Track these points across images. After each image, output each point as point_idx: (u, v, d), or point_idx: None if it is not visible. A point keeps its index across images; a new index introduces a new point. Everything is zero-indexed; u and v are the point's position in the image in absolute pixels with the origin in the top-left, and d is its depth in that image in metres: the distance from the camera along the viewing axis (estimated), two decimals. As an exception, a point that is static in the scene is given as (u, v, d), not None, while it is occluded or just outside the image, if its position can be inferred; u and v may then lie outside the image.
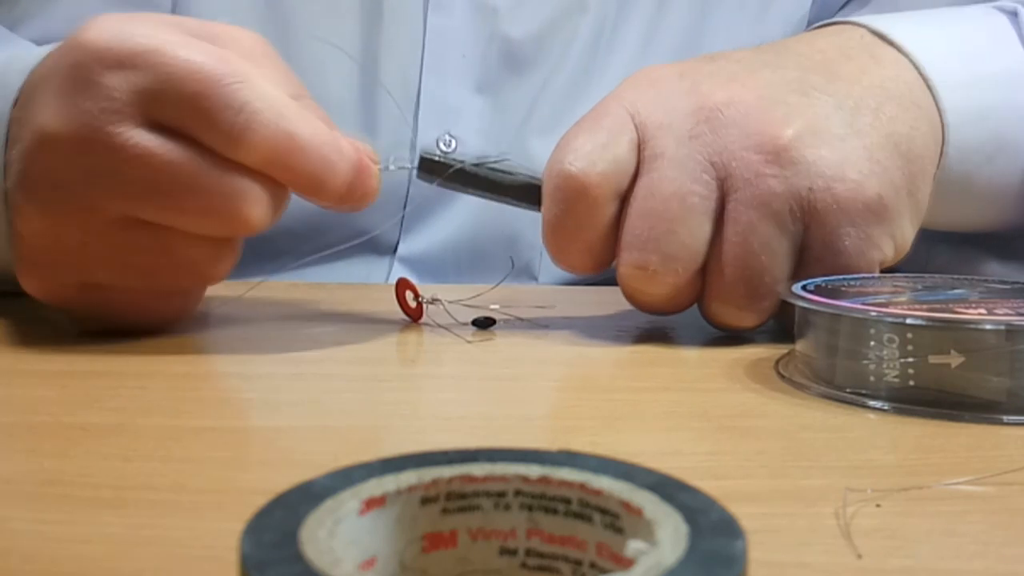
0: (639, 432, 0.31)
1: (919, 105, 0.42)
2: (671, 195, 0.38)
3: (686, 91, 0.40)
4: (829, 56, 0.42)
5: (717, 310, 0.40)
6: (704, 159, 0.38)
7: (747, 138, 0.38)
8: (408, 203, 0.63)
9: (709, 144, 0.38)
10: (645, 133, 0.39)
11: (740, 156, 0.38)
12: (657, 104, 0.40)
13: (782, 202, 0.38)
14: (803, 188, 0.38)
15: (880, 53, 0.43)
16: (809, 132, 0.38)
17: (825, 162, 0.38)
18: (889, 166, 0.39)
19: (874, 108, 0.40)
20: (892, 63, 0.42)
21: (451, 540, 0.17)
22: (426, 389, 0.37)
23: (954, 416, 0.30)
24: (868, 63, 0.42)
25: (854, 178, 0.38)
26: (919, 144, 0.40)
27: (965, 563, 0.21)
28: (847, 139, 0.39)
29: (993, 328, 0.30)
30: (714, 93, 0.39)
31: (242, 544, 0.15)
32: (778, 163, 0.38)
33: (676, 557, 0.14)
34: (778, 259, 0.38)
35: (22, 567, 0.21)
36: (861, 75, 0.41)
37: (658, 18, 0.63)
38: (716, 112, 0.39)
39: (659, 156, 0.39)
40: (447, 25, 0.61)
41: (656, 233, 0.38)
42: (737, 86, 0.40)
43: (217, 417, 0.32)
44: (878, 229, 0.39)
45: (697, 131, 0.39)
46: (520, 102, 0.62)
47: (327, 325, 0.45)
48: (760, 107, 0.39)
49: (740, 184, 0.38)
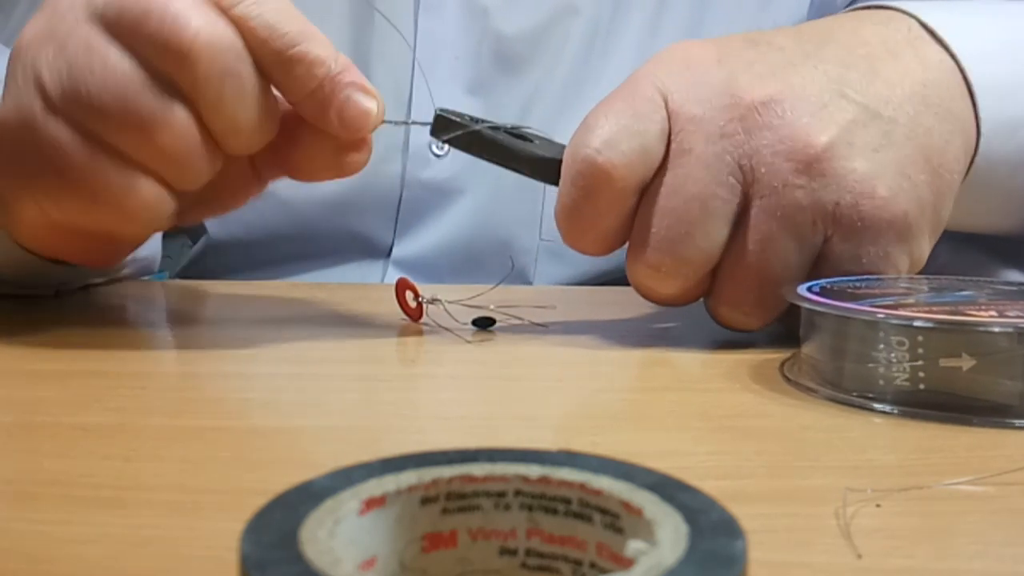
0: (639, 432, 0.31)
1: (956, 116, 0.40)
2: (693, 196, 0.37)
3: (723, 81, 0.38)
4: (873, 51, 0.41)
5: (725, 312, 0.40)
6: (733, 160, 0.37)
7: (780, 143, 0.37)
8: (402, 206, 0.63)
9: (740, 145, 0.37)
10: (676, 124, 0.38)
11: (770, 162, 0.37)
12: (691, 92, 0.38)
13: (806, 215, 0.37)
14: (830, 203, 0.37)
15: (925, 52, 0.41)
16: (843, 142, 0.37)
17: (855, 176, 0.37)
18: (919, 182, 0.38)
19: (911, 117, 0.39)
20: (935, 65, 0.41)
21: (451, 540, 0.17)
22: (426, 389, 0.37)
23: (963, 420, 0.30)
24: (911, 63, 0.41)
25: (883, 195, 0.37)
26: (950, 158, 0.40)
27: (965, 563, 0.21)
28: (881, 150, 0.38)
29: (1006, 331, 0.30)
30: (752, 89, 0.38)
31: (242, 544, 0.15)
32: (808, 173, 0.37)
33: (676, 557, 0.14)
34: (792, 271, 0.38)
35: (22, 567, 0.21)
36: (903, 78, 0.40)
37: (654, 21, 0.63)
38: (751, 111, 0.38)
39: (687, 152, 0.38)
40: (438, 26, 0.61)
41: (672, 234, 0.38)
42: (776, 83, 0.38)
43: (217, 417, 0.32)
44: (898, 248, 0.38)
45: (729, 129, 0.38)
46: (513, 104, 0.62)
47: (327, 325, 0.45)
48: (796, 110, 0.38)
49: (766, 191, 0.37)
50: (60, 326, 0.42)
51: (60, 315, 0.43)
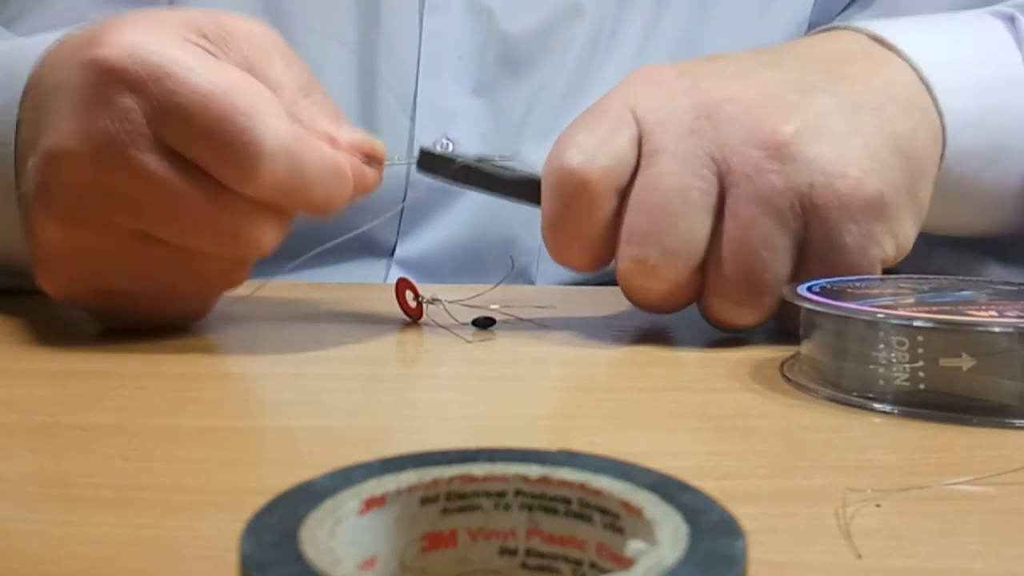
0: (639, 432, 0.31)
1: (919, 107, 0.42)
2: (671, 189, 0.38)
3: (686, 88, 0.40)
4: (830, 59, 0.42)
5: (716, 306, 0.40)
6: (705, 154, 0.38)
7: (748, 134, 0.38)
8: (406, 205, 0.63)
9: (710, 139, 0.38)
10: (645, 128, 0.39)
11: (741, 151, 0.38)
12: (657, 100, 0.40)
13: (783, 198, 0.38)
14: (804, 184, 0.38)
15: (880, 57, 0.43)
16: (810, 129, 0.38)
17: (826, 158, 0.38)
18: (890, 164, 0.39)
19: (875, 107, 0.40)
20: (892, 66, 0.43)
21: (451, 540, 0.17)
22: (426, 389, 0.37)
23: (963, 420, 0.30)
24: (869, 66, 0.42)
25: (855, 175, 0.38)
26: (919, 145, 0.41)
27: (965, 563, 0.21)
28: (848, 136, 0.39)
29: (1006, 331, 0.30)
30: (714, 90, 0.39)
31: (242, 544, 0.15)
32: (779, 159, 0.38)
33: (676, 557, 0.14)
34: (778, 255, 0.38)
35: (22, 567, 0.21)
36: (862, 76, 0.41)
37: (657, 22, 0.63)
38: (716, 108, 0.39)
39: (659, 151, 0.39)
40: (443, 27, 0.61)
41: (656, 227, 0.38)
42: (737, 84, 0.40)
43: (217, 417, 0.32)
44: (879, 226, 0.38)
45: (697, 126, 0.39)
46: (518, 104, 0.62)
47: (327, 325, 0.45)
48: (760, 104, 0.39)
49: (741, 179, 0.38)
50: (60, 326, 0.42)
51: (60, 315, 0.42)
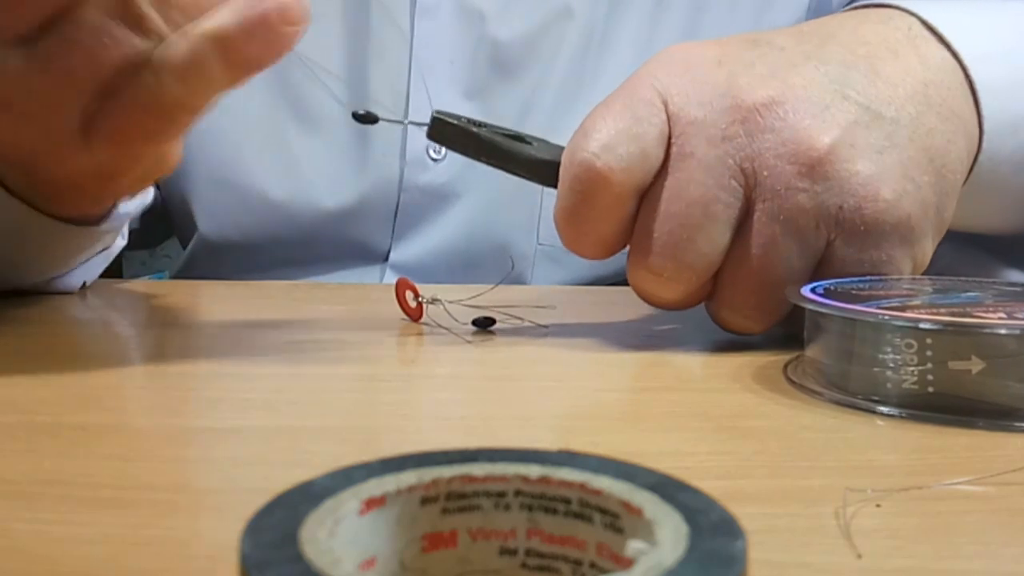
0: (639, 432, 0.31)
1: (959, 116, 0.40)
2: (695, 201, 0.37)
3: (723, 82, 0.38)
4: (874, 50, 0.40)
5: (727, 316, 0.40)
6: (735, 164, 0.37)
7: (782, 145, 0.37)
8: (400, 210, 0.63)
9: (742, 148, 0.37)
10: (676, 127, 0.38)
11: (772, 165, 0.37)
12: (691, 94, 0.38)
13: (808, 218, 0.37)
14: (833, 206, 0.37)
15: (926, 51, 0.41)
16: (846, 144, 0.37)
17: (859, 179, 0.37)
18: (922, 184, 0.38)
19: (914, 117, 0.39)
20: (937, 64, 0.41)
21: (451, 540, 0.17)
22: (426, 389, 0.37)
23: (970, 423, 0.30)
24: (913, 62, 0.40)
25: (887, 198, 0.37)
26: (953, 158, 0.39)
27: (965, 563, 0.21)
28: (884, 152, 0.37)
29: (1015, 333, 0.30)
30: (753, 91, 0.38)
31: (242, 544, 0.15)
32: (811, 177, 0.37)
33: (676, 557, 0.14)
34: (795, 274, 0.38)
35: (22, 567, 0.20)
36: (904, 77, 0.40)
37: (652, 24, 0.63)
38: (753, 114, 0.37)
39: (688, 156, 0.37)
40: (434, 31, 0.61)
41: (675, 239, 0.37)
42: (777, 84, 0.38)
43: (217, 417, 0.32)
44: (901, 251, 0.38)
45: (731, 132, 0.37)
46: (511, 108, 0.62)
47: (327, 325, 0.45)
48: (798, 112, 0.37)
49: (769, 195, 0.37)
50: (61, 326, 0.42)
51: (61, 315, 0.43)
